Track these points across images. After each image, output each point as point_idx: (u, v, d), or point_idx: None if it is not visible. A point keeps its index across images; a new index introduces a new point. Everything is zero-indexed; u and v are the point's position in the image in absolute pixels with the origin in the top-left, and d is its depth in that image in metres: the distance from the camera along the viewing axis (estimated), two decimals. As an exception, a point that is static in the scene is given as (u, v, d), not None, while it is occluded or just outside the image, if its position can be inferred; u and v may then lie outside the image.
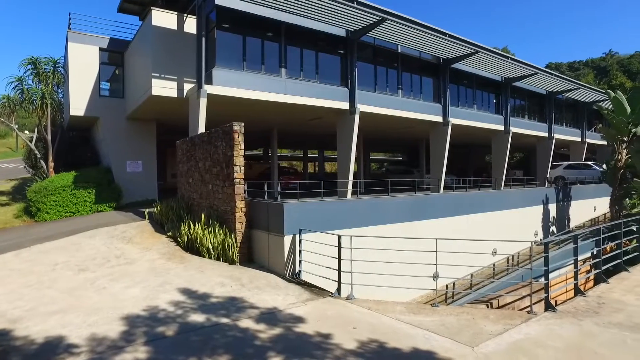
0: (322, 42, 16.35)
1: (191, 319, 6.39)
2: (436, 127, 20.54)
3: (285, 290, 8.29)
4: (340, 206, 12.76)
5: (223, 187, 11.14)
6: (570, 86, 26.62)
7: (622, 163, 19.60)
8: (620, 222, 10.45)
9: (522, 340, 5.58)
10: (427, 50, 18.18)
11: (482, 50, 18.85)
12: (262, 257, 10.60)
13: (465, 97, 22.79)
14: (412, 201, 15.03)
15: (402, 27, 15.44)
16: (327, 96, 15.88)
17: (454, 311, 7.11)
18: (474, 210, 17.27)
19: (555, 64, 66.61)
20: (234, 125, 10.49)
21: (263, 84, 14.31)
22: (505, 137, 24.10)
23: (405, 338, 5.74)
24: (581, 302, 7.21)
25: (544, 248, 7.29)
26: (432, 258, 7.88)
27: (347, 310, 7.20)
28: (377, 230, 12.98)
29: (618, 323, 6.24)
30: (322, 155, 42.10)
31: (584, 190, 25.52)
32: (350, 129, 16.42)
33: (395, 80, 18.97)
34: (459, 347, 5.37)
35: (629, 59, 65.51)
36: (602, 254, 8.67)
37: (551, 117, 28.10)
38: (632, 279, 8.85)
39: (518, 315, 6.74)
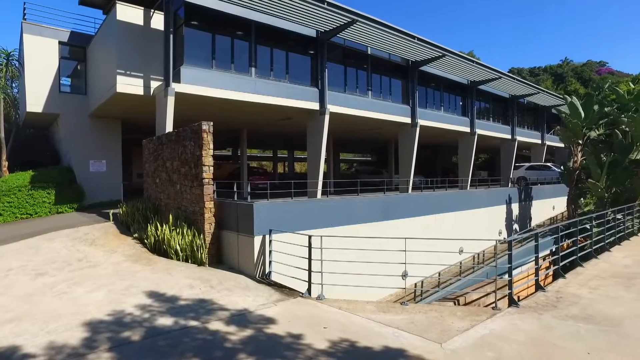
0: (293, 42, 16.32)
1: (159, 322, 6.23)
2: (405, 128, 20.89)
3: (255, 292, 8.22)
4: (310, 206, 12.77)
5: (191, 188, 10.92)
6: (531, 90, 27.74)
7: (578, 164, 20.60)
8: (576, 221, 10.98)
9: (488, 335, 5.76)
10: (397, 53, 18.47)
11: (449, 54, 19.33)
12: (232, 258, 10.46)
13: (433, 99, 23.32)
14: (381, 201, 15.23)
15: (372, 29, 15.61)
16: (297, 96, 15.85)
17: (422, 309, 7.26)
18: (442, 210, 17.69)
19: (517, 69, 69.19)
20: (203, 124, 10.30)
21: (233, 83, 14.12)
22: (471, 139, 24.81)
23: (376, 337, 5.80)
24: (541, 297, 7.52)
25: (508, 246, 7.55)
26: (401, 257, 8.01)
27: (318, 310, 7.21)
28: (347, 230, 13.08)
29: (573, 315, 6.56)
30: (292, 156, 42.01)
31: (544, 191, 26.67)
32: (320, 130, 16.46)
33: (365, 82, 19.17)
34: (428, 344, 5.49)
35: (582, 67, 69.18)
36: (560, 251, 9.08)
37: (514, 120, 29.16)
38: (586, 274, 9.31)
39: (484, 311, 6.95)
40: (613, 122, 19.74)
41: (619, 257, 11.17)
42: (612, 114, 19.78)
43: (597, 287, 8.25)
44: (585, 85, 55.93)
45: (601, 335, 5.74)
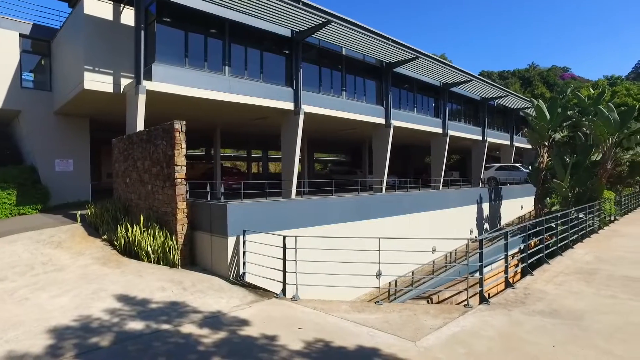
0: (268, 41, 16.23)
1: (129, 327, 6.06)
2: (379, 128, 21.12)
3: (229, 293, 8.12)
4: (284, 206, 12.73)
5: (163, 188, 10.68)
6: (501, 93, 28.60)
7: (544, 165, 21.41)
8: (543, 220, 11.39)
9: (460, 332, 5.90)
10: (371, 54, 18.66)
11: (422, 56, 19.68)
12: (205, 260, 10.30)
13: (406, 101, 23.68)
14: (355, 201, 15.34)
15: (347, 30, 15.70)
16: (271, 96, 15.78)
17: (396, 308, 7.35)
18: (415, 210, 17.98)
19: (487, 72, 71.13)
20: (175, 123, 10.10)
21: (206, 82, 13.91)
22: (444, 140, 25.34)
23: (351, 336, 5.84)
24: (511, 294, 7.76)
25: (479, 245, 7.74)
26: (375, 257, 8.09)
27: (293, 310, 7.20)
28: (322, 230, 13.12)
29: (540, 311, 6.79)
30: (266, 156, 41.77)
31: (513, 190, 27.52)
32: (294, 130, 16.43)
33: (339, 82, 19.27)
34: (402, 343, 5.56)
35: (548, 72, 71.95)
36: (528, 249, 9.39)
37: (484, 122, 29.97)
38: (551, 271, 9.66)
39: (456, 309, 7.11)
40: (575, 125, 20.65)
41: (581, 254, 11.66)
42: (574, 117, 20.68)
43: (562, 283, 8.58)
44: (550, 89, 58.13)
45: (565, 329, 5.97)
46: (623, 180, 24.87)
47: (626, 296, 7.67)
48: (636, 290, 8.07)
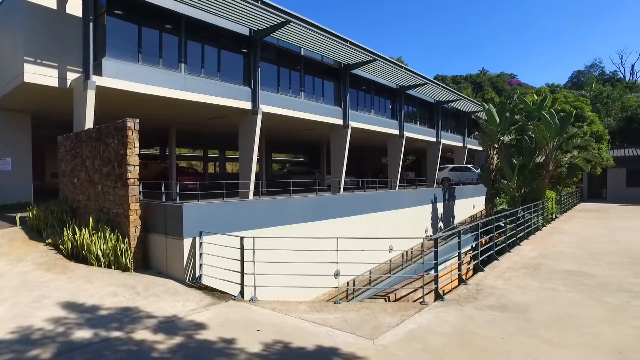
0: (225, 39, 15.93)
1: (76, 336, 5.74)
2: (337, 129, 21.31)
3: (185, 296, 7.90)
4: (242, 207, 12.57)
5: (115, 188, 10.21)
6: (454, 97, 29.74)
7: (494, 166, 22.47)
8: (493, 218, 11.97)
9: (416, 329, 6.07)
10: (329, 55, 18.79)
11: (380, 59, 20.07)
12: (160, 263, 9.95)
13: (364, 102, 24.05)
14: (313, 201, 15.40)
15: (306, 30, 15.73)
16: (229, 95, 15.50)
17: (355, 307, 7.45)
18: (372, 210, 18.30)
19: (442, 76, 73.56)
20: (128, 121, 9.69)
21: (161, 79, 13.43)
22: (400, 141, 25.97)
23: (309, 336, 5.85)
24: (464, 290, 8.08)
25: (434, 243, 8.00)
26: (334, 257, 8.15)
27: (251, 312, 7.11)
28: (280, 230, 13.06)
29: (491, 305, 7.14)
30: (224, 156, 41.00)
31: (465, 190, 28.68)
32: (252, 129, 16.24)
33: (298, 83, 19.27)
34: (361, 341, 5.64)
35: (497, 78, 75.66)
36: (479, 246, 9.83)
37: (439, 124, 31.02)
38: (501, 267, 10.18)
39: (412, 306, 7.30)
40: (522, 128, 21.83)
41: (527, 250, 12.36)
42: (521, 121, 21.87)
43: (510, 278, 9.05)
44: (499, 94, 61.06)
45: (512, 322, 6.31)
46: (563, 181, 26.58)
47: (565, 288, 8.23)
48: (573, 282, 8.68)
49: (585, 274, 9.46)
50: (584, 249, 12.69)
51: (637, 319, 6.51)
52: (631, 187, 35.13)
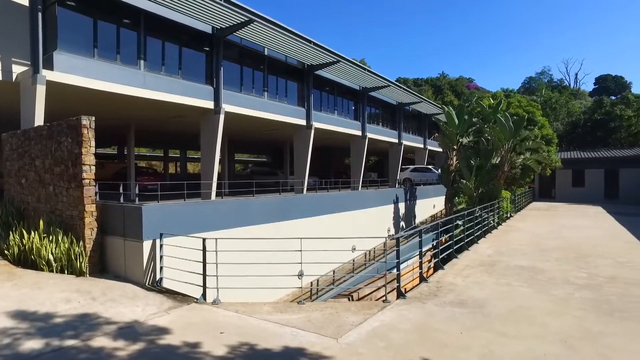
0: (187, 36, 15.54)
1: (25, 347, 5.41)
2: (300, 130, 21.32)
3: (145, 300, 7.66)
4: (204, 208, 12.34)
5: (68, 189, 9.74)
6: (415, 99, 30.50)
7: (453, 167, 23.24)
8: (452, 218, 12.38)
9: (379, 327, 6.19)
10: (293, 56, 18.77)
11: (343, 60, 20.27)
12: (118, 266, 9.59)
13: (327, 103, 24.19)
14: (277, 202, 15.35)
15: (270, 30, 15.63)
16: (190, 94, 15.13)
17: (318, 307, 7.49)
18: (335, 210, 18.46)
19: (403, 79, 75.21)
20: (83, 119, 9.27)
21: (118, 76, 12.91)
22: (363, 142, 26.31)
23: (274, 337, 5.83)
24: (425, 288, 8.32)
25: (396, 243, 8.19)
26: (297, 257, 8.17)
27: (214, 315, 7.00)
28: (243, 231, 12.93)
29: (450, 302, 7.39)
30: (185, 156, 40.00)
31: (426, 191, 29.49)
32: (214, 129, 15.95)
33: (261, 82, 19.11)
34: (325, 340, 5.69)
35: (456, 81, 78.41)
36: (439, 245, 10.14)
37: (400, 126, 31.70)
38: (460, 264, 10.55)
39: (375, 304, 7.44)
40: (479, 130, 22.73)
41: (484, 248, 12.88)
42: (478, 124, 22.77)
43: (469, 275, 9.40)
44: (458, 98, 63.23)
45: (471, 317, 6.57)
46: (516, 181, 27.91)
47: (518, 283, 8.66)
48: (525, 277, 9.14)
49: (536, 269, 9.99)
50: (535, 245, 13.37)
51: (579, 309, 6.98)
52: (576, 187, 37.46)
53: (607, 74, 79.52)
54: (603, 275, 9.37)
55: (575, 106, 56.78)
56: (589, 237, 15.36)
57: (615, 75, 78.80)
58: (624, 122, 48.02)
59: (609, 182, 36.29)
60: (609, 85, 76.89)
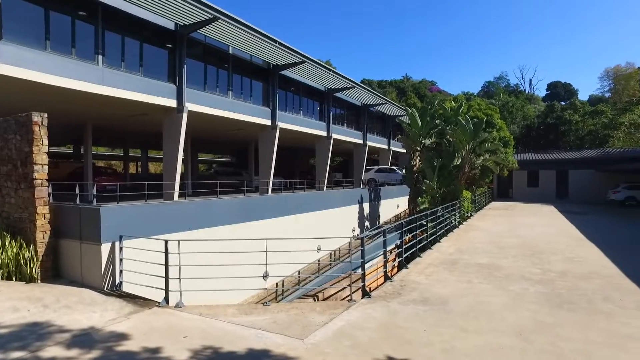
0: (148, 32, 15.04)
1: (-32, 358, 5.06)
2: (265, 130, 21.15)
3: (103, 306, 7.34)
4: (166, 209, 12.00)
5: (17, 190, 9.20)
6: (380, 101, 30.97)
7: (417, 168, 23.77)
8: (415, 217, 12.65)
9: (345, 326, 6.22)
10: (258, 55, 18.59)
11: (309, 61, 20.29)
12: (74, 271, 9.15)
13: (292, 103, 24.14)
14: (241, 203, 15.15)
15: (235, 29, 15.40)
16: (152, 92, 14.65)
17: (284, 307, 7.44)
18: (301, 210, 18.43)
19: (368, 81, 76.27)
20: (34, 115, 8.79)
21: (74, 71, 12.26)
22: (328, 143, 26.44)
23: (239, 340, 5.74)
24: (389, 287, 8.44)
25: (361, 242, 8.26)
26: (262, 258, 8.08)
27: (177, 319, 6.81)
28: (207, 232, 12.68)
29: (414, 300, 7.54)
30: (146, 155, 38.77)
31: (390, 191, 29.99)
32: (177, 128, 15.53)
33: (225, 81, 18.79)
34: (291, 341, 5.65)
35: (419, 84, 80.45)
36: (403, 244, 10.33)
37: (365, 127, 32.08)
38: (423, 263, 10.79)
39: (341, 304, 7.47)
40: (441, 132, 23.37)
41: (446, 247, 13.24)
42: (440, 125, 23.41)
43: (431, 273, 9.63)
44: (421, 100, 64.83)
45: (434, 314, 6.72)
46: (476, 182, 28.93)
47: (478, 280, 8.95)
48: (485, 274, 9.47)
49: (495, 266, 10.37)
50: (494, 243, 13.89)
51: (533, 303, 7.32)
52: (531, 187, 39.30)
53: (558, 80, 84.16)
54: (555, 271, 9.85)
55: (530, 110, 59.77)
56: (542, 234, 16.12)
57: (565, 82, 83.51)
58: (572, 126, 51.02)
59: (560, 182, 38.32)
60: (559, 92, 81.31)
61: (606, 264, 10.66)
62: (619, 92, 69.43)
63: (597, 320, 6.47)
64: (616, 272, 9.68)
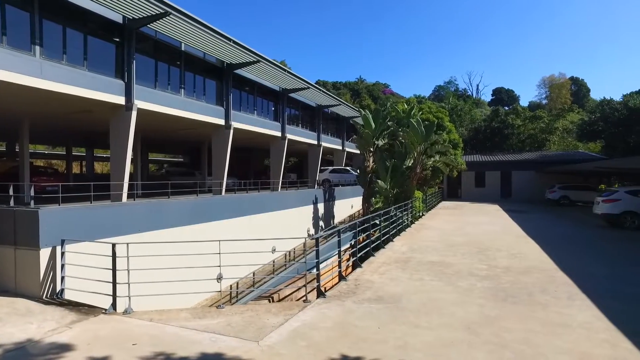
0: (94, 24, 14.24)
1: None
2: (219, 130, 20.71)
3: (41, 316, 6.87)
4: (114, 211, 11.46)
5: (-57, 192, 8.42)
6: (334, 102, 31.27)
7: (370, 169, 24.21)
8: (369, 217, 12.88)
9: (300, 326, 6.21)
10: (212, 53, 18.18)
11: (264, 61, 20.10)
12: (6, 279, 8.50)
13: (247, 103, 23.82)
14: (194, 204, 14.75)
15: (187, 25, 14.95)
16: (98, 87, 13.87)
17: (238, 310, 7.32)
18: (255, 211, 18.23)
19: (323, 82, 76.83)
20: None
21: (6, 61, 11.29)
22: (282, 143, 26.33)
23: (192, 345, 5.58)
24: (344, 286, 8.53)
25: (315, 243, 8.30)
26: (216, 260, 7.91)
27: (125, 325, 6.50)
28: (158, 235, 12.24)
29: (368, 298, 7.67)
30: (92, 154, 36.77)
31: (344, 191, 30.35)
32: (126, 127, 14.83)
33: (177, 79, 18.20)
34: (245, 344, 5.57)
35: (373, 86, 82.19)
36: (357, 244, 10.47)
37: (320, 127, 32.27)
38: (376, 262, 11.00)
39: (296, 305, 7.46)
40: (394, 134, 23.97)
41: (399, 246, 13.58)
42: (393, 127, 24.01)
43: (385, 272, 9.83)
44: (375, 102, 66.29)
45: (387, 312, 6.87)
46: (428, 182, 29.90)
47: (429, 278, 9.26)
48: (436, 272, 9.81)
49: (445, 263, 10.77)
50: (444, 242, 14.42)
51: (481, 298, 7.68)
52: (478, 187, 41.25)
53: (501, 87, 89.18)
54: (499, 267, 10.39)
55: (477, 114, 62.87)
56: (488, 232, 16.94)
57: (508, 88, 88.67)
58: (514, 130, 54.21)
59: (504, 182, 40.51)
60: (503, 97, 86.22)
61: (544, 259, 11.38)
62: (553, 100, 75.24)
63: (535, 310, 6.90)
64: (552, 267, 10.37)
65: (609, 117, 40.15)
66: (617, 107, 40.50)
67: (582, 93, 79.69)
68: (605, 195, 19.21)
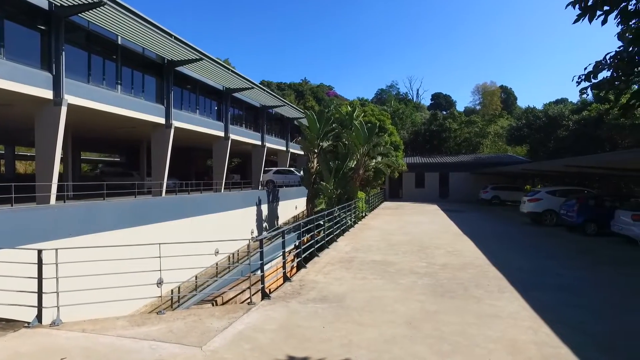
0: (13, 8, 13.04)
1: None
2: (158, 129, 19.89)
3: (-48, 332, 6.18)
4: (40, 214, 10.61)
5: None
6: (278, 102, 31.17)
7: (314, 170, 24.41)
8: (313, 218, 12.98)
9: (245, 329, 6.11)
10: (151, 48, 17.41)
11: (206, 58, 19.58)
12: None
13: (189, 102, 23.09)
14: (132, 206, 14.06)
15: (123, 16, 14.21)
16: (21, 80, 12.77)
17: (180, 315, 7.06)
18: (197, 213, 17.71)
19: (267, 82, 76.25)
20: None
21: None
22: (225, 143, 25.81)
23: (129, 355, 5.29)
24: (289, 287, 8.51)
25: (259, 244, 8.21)
26: (156, 264, 7.57)
27: (52, 339, 6.02)
28: (92, 239, 11.51)
29: (313, 298, 7.71)
30: (12, 152, 33.75)
31: (288, 192, 30.33)
32: (54, 123, 13.79)
33: (114, 74, 17.23)
34: (188, 350, 5.38)
35: (317, 88, 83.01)
36: (301, 244, 10.51)
37: (264, 128, 32.01)
38: (321, 262, 11.10)
39: (240, 307, 7.33)
40: (338, 135, 24.37)
41: (342, 245, 13.79)
42: (337, 129, 24.40)
43: (329, 272, 9.95)
44: (319, 103, 66.95)
45: (332, 311, 6.96)
46: (370, 183, 30.72)
47: (373, 276, 9.51)
48: (379, 270, 10.09)
49: (387, 262, 11.10)
50: (386, 241, 14.86)
51: (421, 294, 8.02)
52: (418, 188, 43.03)
53: (440, 92, 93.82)
54: (438, 264, 10.89)
55: (418, 117, 65.65)
56: (427, 231, 17.71)
57: (445, 94, 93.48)
58: (451, 134, 57.30)
59: (442, 183, 42.61)
60: (441, 102, 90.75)
61: (479, 255, 12.11)
62: (486, 106, 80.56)
63: (470, 304, 7.33)
64: (485, 262, 11.06)
65: (532, 124, 43.56)
66: (539, 115, 44.04)
67: (510, 100, 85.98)
68: (530, 195, 20.88)
